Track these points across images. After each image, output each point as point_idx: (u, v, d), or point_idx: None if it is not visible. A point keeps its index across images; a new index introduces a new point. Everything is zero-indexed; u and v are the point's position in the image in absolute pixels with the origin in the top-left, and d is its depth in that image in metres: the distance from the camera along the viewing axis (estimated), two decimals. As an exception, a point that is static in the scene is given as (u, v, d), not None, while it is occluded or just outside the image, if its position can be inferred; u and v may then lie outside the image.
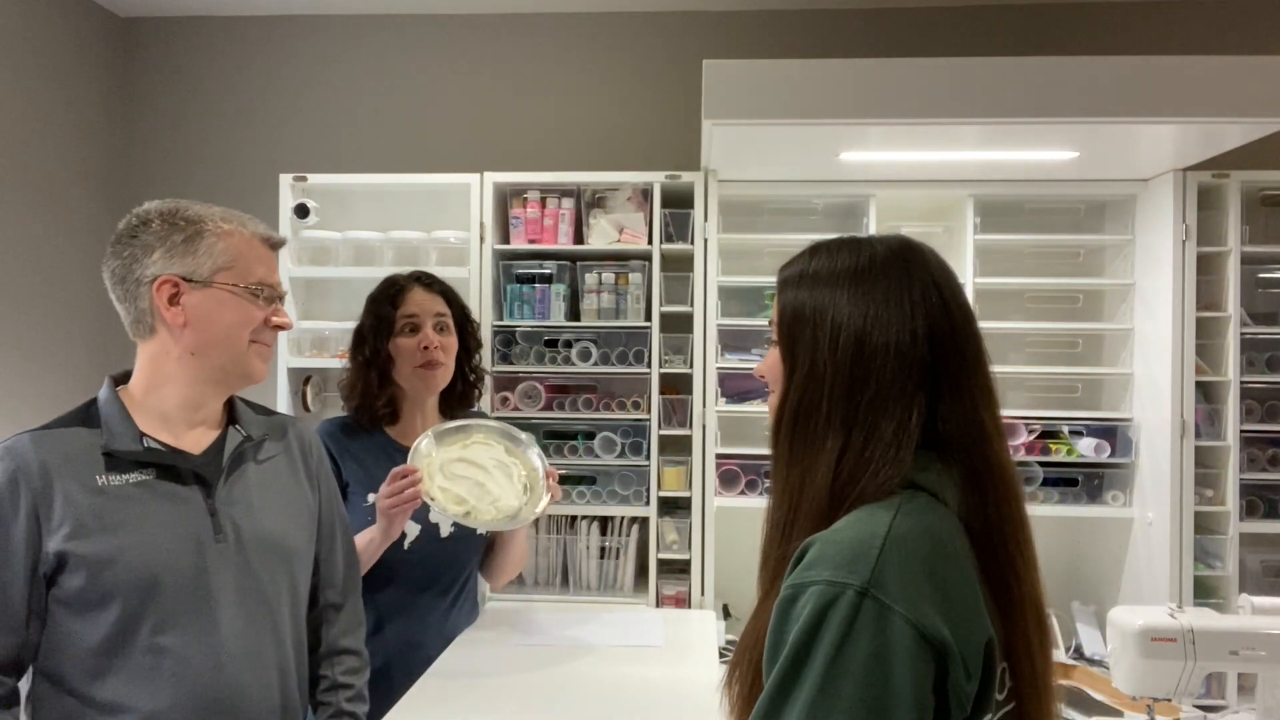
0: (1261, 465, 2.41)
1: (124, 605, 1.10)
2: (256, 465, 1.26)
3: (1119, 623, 1.61)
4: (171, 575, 1.13)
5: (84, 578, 1.09)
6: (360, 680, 1.37)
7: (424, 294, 1.77)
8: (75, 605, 1.10)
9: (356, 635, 1.39)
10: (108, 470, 1.13)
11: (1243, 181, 2.37)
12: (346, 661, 1.36)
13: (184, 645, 1.13)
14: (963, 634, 0.74)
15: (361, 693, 1.37)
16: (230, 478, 1.22)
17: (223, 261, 1.18)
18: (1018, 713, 0.81)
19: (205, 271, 1.17)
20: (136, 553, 1.11)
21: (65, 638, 1.11)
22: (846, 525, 0.79)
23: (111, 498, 1.12)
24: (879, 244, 0.90)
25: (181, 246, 1.17)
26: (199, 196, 1.30)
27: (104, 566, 1.09)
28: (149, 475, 1.15)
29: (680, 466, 2.48)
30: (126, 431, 1.15)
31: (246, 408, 1.31)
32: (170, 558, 1.13)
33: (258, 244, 1.23)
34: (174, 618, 1.13)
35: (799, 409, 0.87)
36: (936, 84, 1.95)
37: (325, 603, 1.36)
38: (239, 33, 2.98)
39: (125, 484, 1.14)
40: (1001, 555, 0.82)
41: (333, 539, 1.38)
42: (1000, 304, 2.60)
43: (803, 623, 0.74)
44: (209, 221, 1.19)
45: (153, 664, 1.12)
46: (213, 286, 1.18)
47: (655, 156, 2.78)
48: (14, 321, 2.58)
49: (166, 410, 1.20)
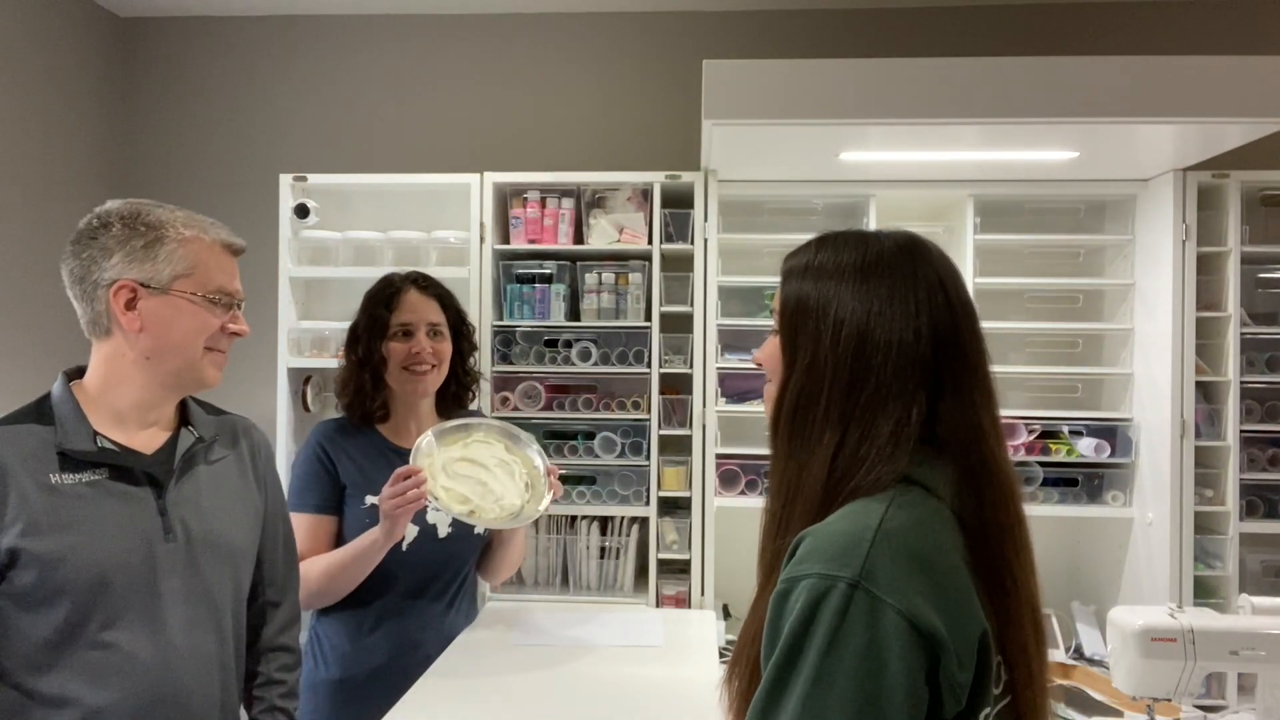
0: (1261, 465, 2.41)
1: (73, 603, 1.12)
2: (207, 466, 1.28)
3: (1119, 623, 1.61)
4: (121, 574, 1.14)
5: (34, 575, 1.10)
6: (293, 677, 1.39)
7: (419, 298, 1.77)
8: (24, 601, 1.11)
9: (292, 632, 1.41)
10: (61, 469, 1.14)
11: (1243, 181, 2.37)
12: (281, 658, 1.37)
13: (131, 642, 1.14)
14: (955, 625, 0.74)
15: (294, 689, 1.38)
16: (181, 479, 1.23)
17: (182, 269, 1.18)
18: (1013, 707, 0.81)
19: (164, 278, 1.17)
20: (87, 552, 1.12)
21: (12, 632, 1.12)
22: (839, 518, 0.79)
23: (64, 496, 1.13)
24: (886, 239, 0.90)
25: (141, 252, 1.17)
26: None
27: (55, 564, 1.10)
28: (101, 475, 1.16)
29: (680, 466, 2.48)
30: (81, 430, 1.16)
31: (199, 408, 1.33)
32: (120, 557, 1.14)
33: (219, 250, 1.23)
34: (122, 615, 1.14)
35: (798, 401, 0.87)
36: (936, 84, 1.95)
37: (264, 600, 1.37)
38: (239, 33, 2.98)
39: (78, 483, 1.14)
40: (998, 554, 0.82)
41: (275, 538, 1.39)
42: (1000, 304, 2.60)
43: (796, 616, 0.74)
44: (170, 227, 1.19)
45: (99, 660, 1.13)
46: (170, 293, 1.18)
47: (655, 156, 2.78)
48: (13, 321, 2.58)
49: (120, 410, 1.21)
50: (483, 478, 1.65)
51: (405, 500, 1.52)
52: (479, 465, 1.67)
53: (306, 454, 1.72)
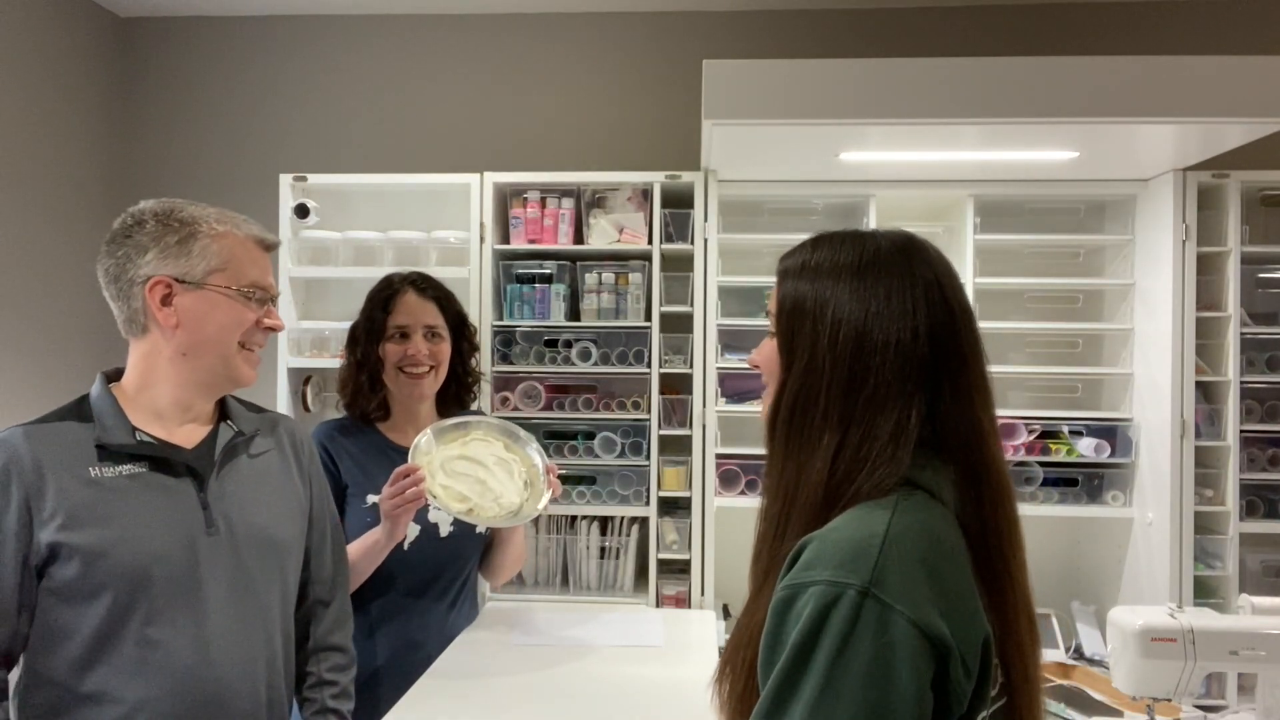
0: (1261, 465, 2.41)
1: (115, 596, 1.11)
2: (249, 460, 1.27)
3: (1119, 623, 1.61)
4: (163, 567, 1.13)
5: (77, 568, 1.10)
6: (346, 677, 1.38)
7: (416, 300, 1.77)
8: (66, 596, 1.11)
9: (344, 632, 1.40)
10: (100, 462, 1.14)
11: (1243, 181, 2.37)
12: (333, 658, 1.36)
13: (173, 637, 1.14)
14: (962, 632, 0.74)
15: (347, 689, 1.37)
16: (222, 471, 1.22)
17: (216, 263, 1.19)
18: (1008, 708, 0.81)
19: (198, 273, 1.18)
20: (129, 544, 1.12)
21: (56, 629, 1.12)
22: (844, 524, 0.78)
23: (104, 489, 1.13)
24: (882, 238, 0.89)
25: (175, 247, 1.17)
26: (199, 196, 1.31)
27: (97, 557, 1.10)
28: (142, 468, 1.16)
29: (680, 466, 2.48)
30: (119, 425, 1.17)
31: (239, 405, 1.33)
32: (162, 550, 1.14)
33: (252, 245, 1.24)
34: (164, 610, 1.14)
35: (796, 403, 0.86)
36: (936, 84, 1.95)
37: (314, 598, 1.36)
38: (239, 33, 2.98)
39: (118, 476, 1.15)
40: (996, 554, 0.82)
41: (323, 535, 1.38)
42: (1000, 304, 2.60)
43: (803, 624, 0.73)
44: (203, 223, 1.19)
45: (141, 655, 1.12)
46: (205, 288, 1.18)
47: (655, 156, 2.78)
48: (13, 321, 2.58)
49: (159, 408, 1.21)
50: (481, 476, 1.65)
51: (404, 499, 1.51)
52: (478, 463, 1.66)
53: None
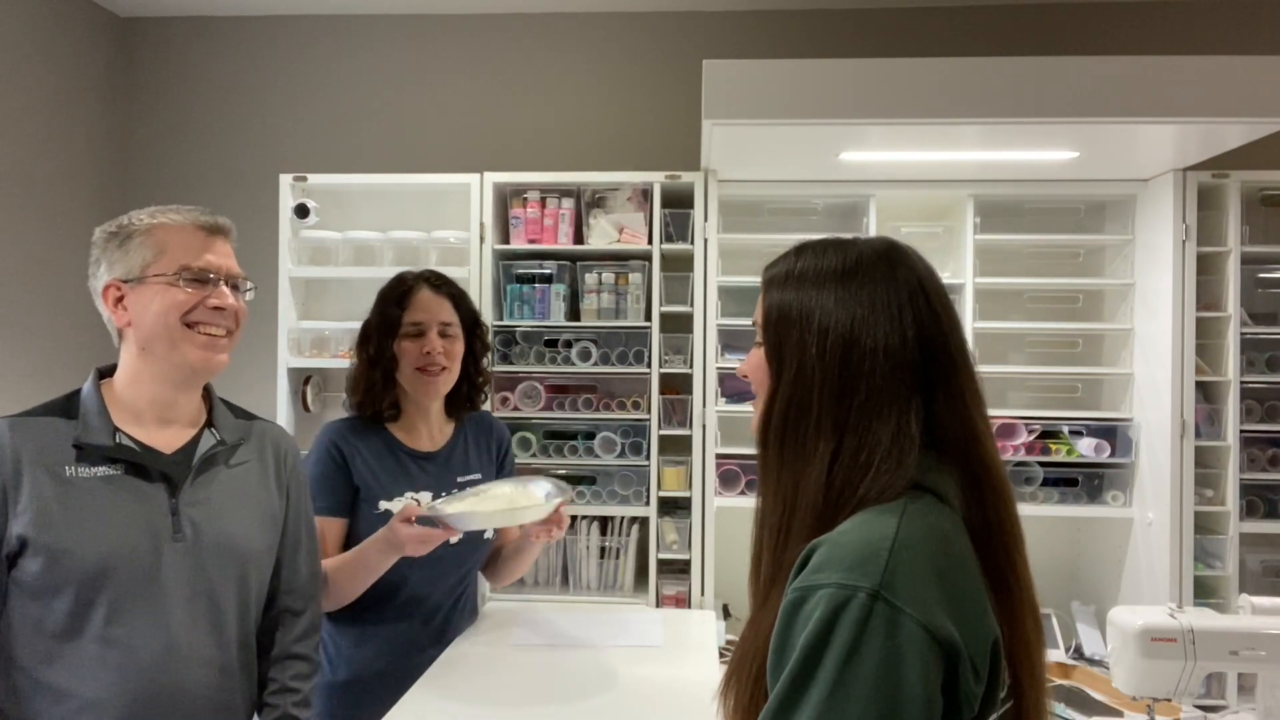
0: (1261, 465, 2.41)
1: (77, 594, 1.14)
2: (227, 469, 1.29)
3: (1119, 623, 1.61)
4: (126, 569, 1.16)
5: (41, 564, 1.13)
6: (308, 685, 1.39)
7: (431, 297, 1.75)
8: (31, 589, 1.15)
9: (309, 641, 1.40)
10: (77, 462, 1.18)
11: (1243, 181, 2.37)
12: (296, 666, 1.37)
13: (132, 637, 1.17)
14: (971, 635, 0.74)
15: (307, 698, 1.38)
16: (198, 479, 1.25)
17: (150, 256, 1.22)
18: (1016, 709, 0.81)
19: (137, 269, 1.22)
20: (93, 544, 1.15)
21: (25, 622, 1.15)
22: (853, 528, 0.78)
23: (76, 489, 1.16)
24: (864, 245, 0.90)
25: (118, 251, 1.23)
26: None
27: (60, 555, 1.13)
28: (117, 470, 1.19)
29: (680, 466, 2.48)
30: (102, 425, 1.20)
31: (226, 410, 1.34)
32: (126, 552, 1.16)
33: (189, 231, 1.25)
34: (125, 611, 1.16)
35: (788, 411, 0.86)
36: (936, 84, 1.95)
37: (283, 607, 1.37)
38: (239, 33, 2.98)
39: (92, 477, 1.18)
40: (1002, 555, 0.82)
41: (296, 546, 1.39)
42: (1000, 304, 2.60)
43: (813, 626, 0.73)
44: (136, 220, 1.24)
45: (100, 654, 1.15)
46: (146, 282, 1.22)
47: (655, 156, 2.78)
48: (12, 322, 2.58)
49: (139, 408, 1.25)
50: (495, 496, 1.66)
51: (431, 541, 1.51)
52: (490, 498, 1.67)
53: (319, 455, 1.68)
